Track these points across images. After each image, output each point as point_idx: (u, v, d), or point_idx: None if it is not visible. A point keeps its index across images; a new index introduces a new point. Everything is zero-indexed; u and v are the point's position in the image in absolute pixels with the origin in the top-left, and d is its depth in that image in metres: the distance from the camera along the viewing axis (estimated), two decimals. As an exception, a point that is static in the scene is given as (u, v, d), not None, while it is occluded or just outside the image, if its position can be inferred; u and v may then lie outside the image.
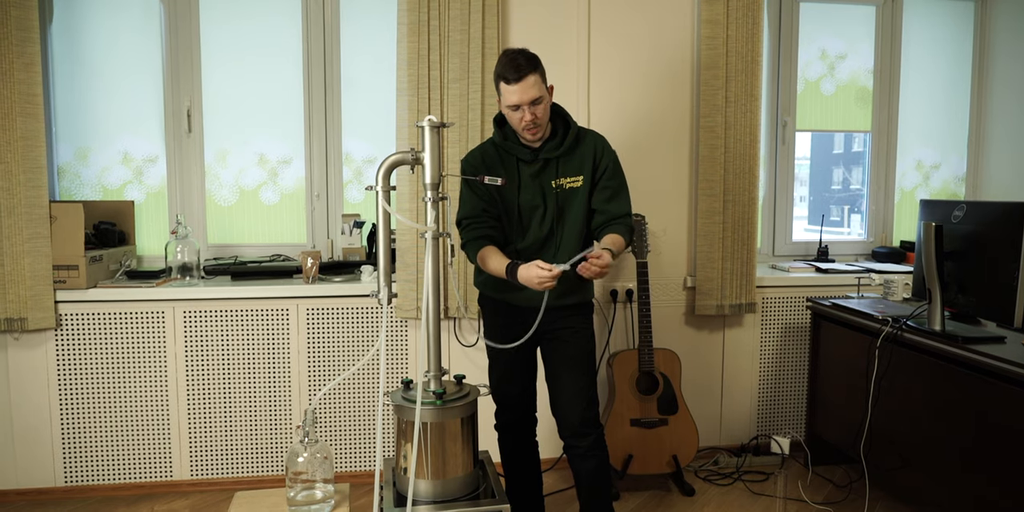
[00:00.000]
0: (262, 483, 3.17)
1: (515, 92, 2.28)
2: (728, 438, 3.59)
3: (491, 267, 2.36)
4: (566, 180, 2.43)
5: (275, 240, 3.46)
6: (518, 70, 2.26)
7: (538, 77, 2.29)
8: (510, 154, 2.43)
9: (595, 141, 2.45)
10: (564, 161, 2.42)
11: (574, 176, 2.43)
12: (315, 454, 2.18)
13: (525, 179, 2.43)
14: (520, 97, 2.28)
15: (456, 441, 2.16)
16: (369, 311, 3.20)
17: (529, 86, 2.27)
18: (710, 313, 3.41)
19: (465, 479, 2.20)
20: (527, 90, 2.27)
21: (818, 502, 3.05)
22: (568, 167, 2.43)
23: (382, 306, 2.09)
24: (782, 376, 3.61)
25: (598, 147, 2.44)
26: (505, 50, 2.33)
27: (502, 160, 2.44)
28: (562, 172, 2.42)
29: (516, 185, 2.43)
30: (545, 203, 2.43)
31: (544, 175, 2.42)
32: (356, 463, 3.28)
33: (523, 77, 2.26)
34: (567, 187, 2.43)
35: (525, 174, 2.43)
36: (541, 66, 2.32)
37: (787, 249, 3.88)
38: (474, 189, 2.43)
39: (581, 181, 2.43)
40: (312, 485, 2.20)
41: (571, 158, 2.43)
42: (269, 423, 3.19)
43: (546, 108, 2.34)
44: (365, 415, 3.26)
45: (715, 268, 3.38)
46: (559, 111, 2.46)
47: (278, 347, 3.15)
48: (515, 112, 2.33)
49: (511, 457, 2.61)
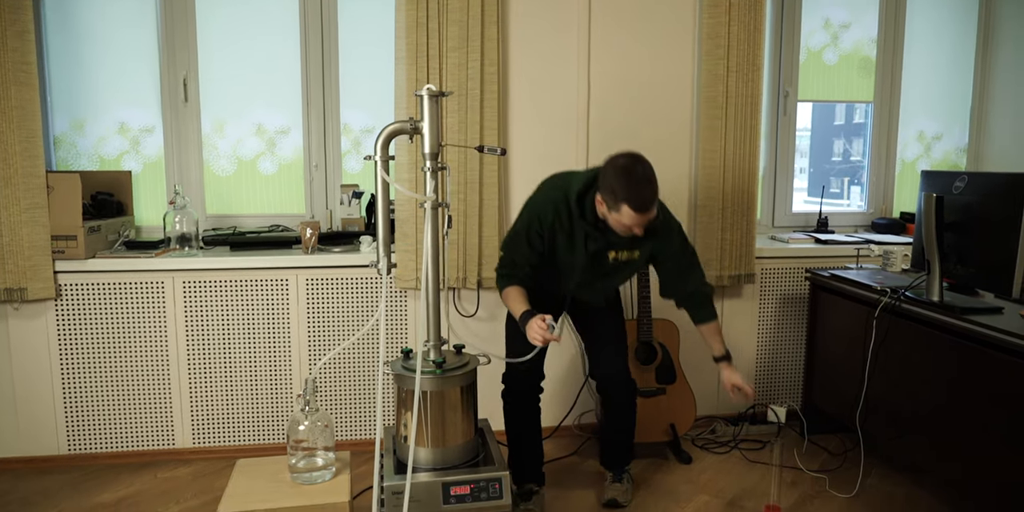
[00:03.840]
0: (264, 451, 3.20)
1: (635, 218, 2.25)
2: (725, 407, 3.62)
3: (509, 304, 2.41)
4: (623, 253, 2.50)
5: (274, 210, 3.45)
6: (645, 204, 2.21)
7: (658, 203, 2.32)
8: (580, 227, 2.41)
9: (663, 230, 2.47)
10: (628, 241, 2.46)
11: (630, 251, 2.50)
12: (316, 422, 2.20)
13: (581, 248, 2.44)
14: (639, 221, 2.26)
15: (456, 410, 2.18)
16: (368, 281, 3.20)
17: (649, 215, 2.26)
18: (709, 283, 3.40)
19: (465, 447, 2.22)
20: (646, 218, 2.27)
21: (813, 470, 3.09)
22: (629, 245, 2.48)
23: (381, 276, 2.10)
24: (780, 346, 3.63)
25: (663, 240, 2.48)
26: (626, 166, 2.22)
27: (572, 225, 2.41)
28: (622, 248, 2.48)
29: (570, 247, 2.44)
30: (596, 269, 2.51)
31: (604, 251, 2.48)
32: (356, 431, 3.31)
33: (649, 208, 2.24)
34: (623, 259, 2.50)
35: (588, 246, 2.44)
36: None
37: (787, 220, 3.88)
38: (531, 238, 2.42)
39: (637, 255, 2.51)
40: (313, 453, 2.23)
41: (636, 238, 2.45)
42: (270, 392, 3.21)
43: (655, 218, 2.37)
44: (365, 384, 3.28)
45: (715, 239, 3.38)
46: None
47: (278, 317, 3.16)
48: (623, 227, 2.31)
49: (515, 422, 2.64)
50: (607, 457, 2.83)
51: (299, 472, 2.22)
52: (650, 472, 3.07)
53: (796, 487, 2.95)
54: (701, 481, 3.01)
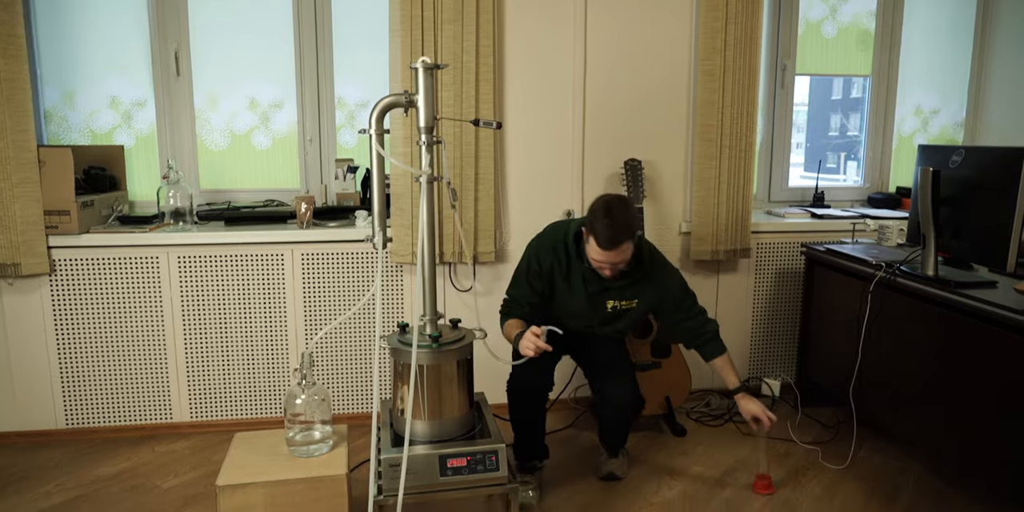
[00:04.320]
0: (261, 425, 3.22)
1: (603, 255, 2.32)
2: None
3: (508, 333, 2.46)
4: (622, 303, 2.55)
5: (268, 185, 3.44)
6: (613, 240, 2.27)
7: (631, 243, 2.31)
8: (577, 269, 2.50)
9: (659, 276, 2.53)
10: (624, 290, 2.53)
11: (630, 300, 2.55)
12: (313, 396, 2.21)
13: (580, 292, 2.52)
14: (608, 259, 2.33)
15: (452, 383, 2.20)
16: (364, 256, 3.20)
17: (620, 253, 2.31)
18: (705, 258, 3.42)
19: (461, 419, 2.24)
20: (616, 256, 2.32)
21: (806, 442, 3.12)
22: (626, 293, 2.54)
23: (377, 250, 2.10)
24: (775, 320, 3.65)
25: (661, 287, 2.53)
26: (607, 201, 2.28)
27: (569, 267, 2.51)
28: (621, 296, 2.54)
29: (569, 291, 2.53)
30: (595, 316, 2.56)
31: (600, 296, 2.53)
32: (353, 405, 3.33)
33: (618, 245, 2.29)
34: (621, 307, 2.55)
35: (586, 290, 2.52)
36: (636, 227, 2.31)
37: (783, 195, 3.88)
38: (530, 278, 2.52)
39: (636, 304, 2.55)
40: (310, 426, 2.24)
41: (632, 287, 2.53)
42: (267, 366, 3.22)
43: (628, 260, 2.39)
44: (362, 358, 3.29)
45: (711, 213, 3.38)
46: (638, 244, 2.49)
47: (274, 292, 3.17)
48: (598, 264, 2.38)
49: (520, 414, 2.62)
50: (606, 439, 2.82)
51: (297, 445, 2.23)
52: (645, 445, 3.10)
53: (789, 459, 2.98)
54: (695, 453, 3.04)
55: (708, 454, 3.04)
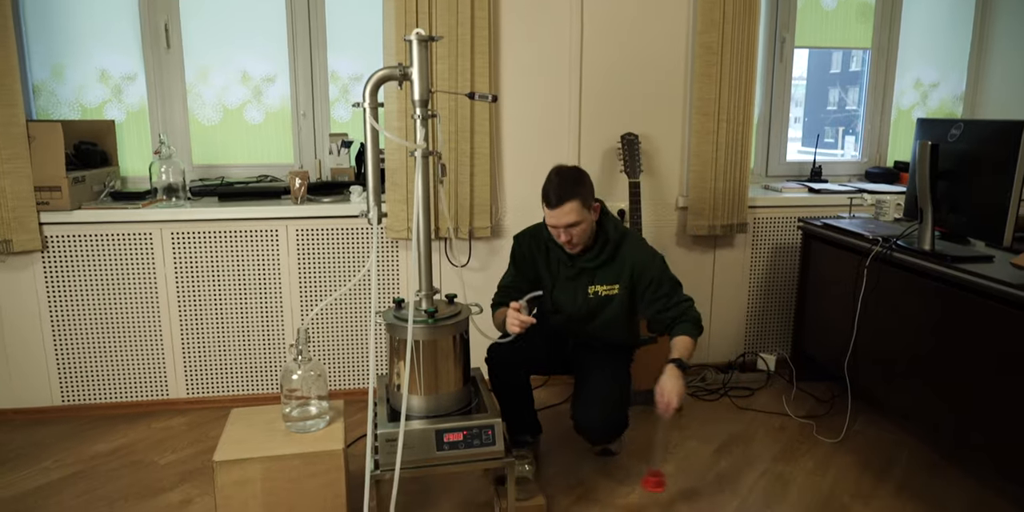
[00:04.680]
0: (258, 400, 3.24)
1: (551, 216, 2.38)
2: (716, 355, 3.67)
3: (495, 321, 2.51)
4: (601, 288, 2.54)
5: (261, 160, 3.42)
6: (557, 197, 2.34)
7: (577, 203, 2.35)
8: (554, 252, 2.55)
9: (635, 254, 2.51)
10: (601, 271, 2.53)
11: (610, 284, 2.53)
12: (309, 371, 2.21)
13: (562, 280, 2.57)
14: (555, 221, 2.38)
15: (448, 358, 2.20)
16: (359, 231, 3.19)
17: (565, 213, 2.35)
18: (701, 233, 3.42)
19: (457, 394, 2.25)
20: (562, 216, 2.36)
21: (801, 416, 3.14)
22: (605, 276, 2.53)
23: (372, 226, 2.08)
24: (770, 295, 3.65)
25: (638, 264, 2.50)
26: (559, 167, 2.41)
27: (548, 251, 2.57)
28: (599, 280, 2.53)
29: (552, 280, 2.57)
30: (579, 305, 2.55)
31: (580, 280, 2.54)
32: (350, 380, 3.34)
33: (561, 203, 2.35)
34: (603, 294, 2.54)
35: (562, 274, 2.56)
36: (584, 189, 2.38)
37: (780, 170, 3.87)
38: (518, 264, 2.61)
39: (617, 289, 2.52)
40: (307, 401, 2.25)
41: (608, 268, 2.52)
42: (262, 342, 3.22)
43: (585, 230, 2.42)
44: (358, 334, 3.29)
45: (708, 188, 3.37)
46: (603, 221, 2.52)
47: (269, 268, 3.16)
48: (552, 229, 2.43)
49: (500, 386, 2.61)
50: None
51: (293, 421, 2.24)
52: (640, 419, 3.12)
53: (784, 433, 3.01)
54: (691, 428, 3.06)
55: (703, 428, 3.06)
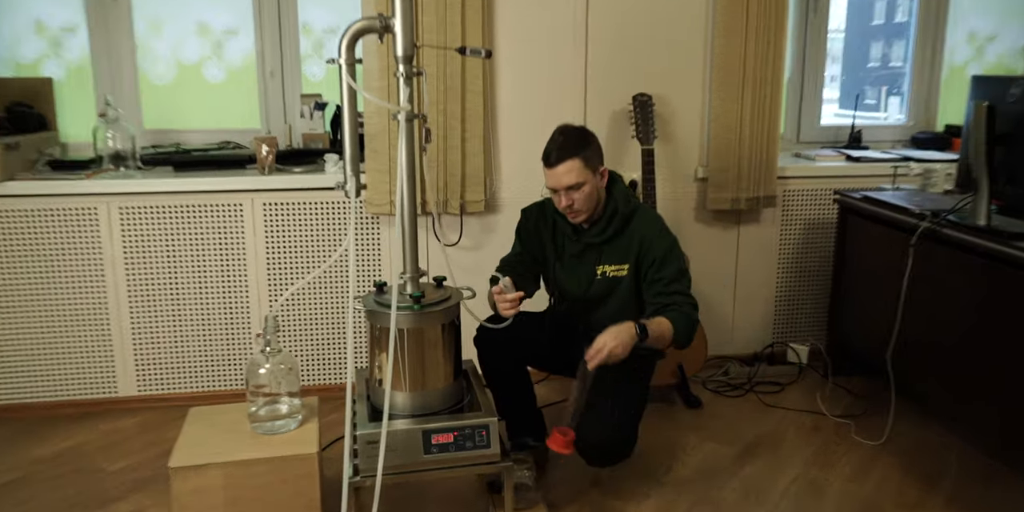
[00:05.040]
0: (220, 398, 3.22)
1: (550, 176, 2.39)
2: (740, 346, 3.67)
3: (490, 301, 2.46)
4: (609, 267, 2.52)
5: (223, 125, 3.40)
6: (557, 154, 2.36)
7: (578, 162, 2.35)
8: (560, 226, 2.57)
9: (645, 228, 2.48)
10: (609, 248, 2.51)
11: (619, 264, 2.51)
12: (278, 365, 2.21)
13: (567, 258, 2.58)
14: (554, 182, 2.38)
15: (436, 349, 2.19)
16: (335, 206, 3.17)
17: (565, 172, 2.35)
18: (724, 207, 3.41)
19: (447, 391, 2.24)
20: (562, 177, 2.36)
21: (837, 415, 3.15)
22: (613, 254, 2.52)
23: (350, 199, 2.07)
24: (803, 278, 3.65)
25: (646, 238, 2.47)
26: (563, 125, 2.43)
27: (555, 225, 2.59)
28: (606, 258, 2.52)
29: (556, 257, 2.59)
30: (585, 288, 2.55)
31: (587, 258, 2.55)
32: (325, 375, 3.34)
33: (560, 161, 2.35)
34: (610, 275, 2.52)
35: (568, 250, 2.58)
36: (589, 149, 2.39)
37: (814, 135, 3.85)
38: (523, 239, 2.64)
39: (626, 270, 2.50)
40: (276, 399, 2.24)
41: (617, 244, 2.51)
42: (225, 332, 3.21)
43: (589, 195, 2.40)
44: (333, 322, 3.29)
45: (731, 156, 3.35)
46: (612, 191, 2.50)
47: (232, 247, 3.14)
48: (553, 194, 2.44)
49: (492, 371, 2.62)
50: None
51: (260, 421, 2.23)
52: (655, 418, 3.12)
53: (818, 433, 3.01)
54: (711, 427, 3.06)
55: (726, 428, 3.06)
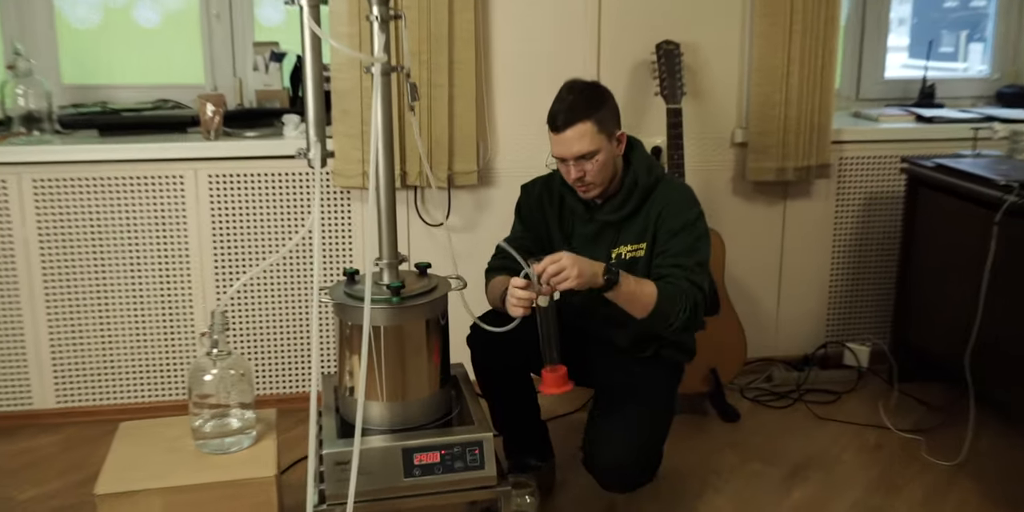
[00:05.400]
0: (157, 410, 3.23)
1: (557, 143, 2.36)
2: (787, 347, 3.68)
3: (490, 296, 2.50)
4: (627, 248, 2.50)
5: (160, 79, 3.41)
6: (565, 116, 2.33)
7: (591, 126, 2.32)
8: (568, 201, 2.55)
9: (666, 197, 2.46)
10: (627, 225, 2.50)
11: (636, 243, 2.49)
12: (227, 370, 2.21)
13: (578, 240, 2.56)
14: (562, 150, 2.36)
15: (419, 351, 2.19)
16: (296, 178, 3.18)
17: (575, 138, 2.33)
18: (767, 179, 3.41)
19: (432, 401, 2.24)
20: (571, 143, 2.33)
21: (905, 430, 3.15)
22: (630, 232, 2.50)
23: (314, 170, 2.06)
24: (862, 264, 3.66)
25: (666, 209, 2.44)
26: (572, 81, 2.41)
27: (562, 202, 2.57)
28: (623, 238, 2.50)
29: (564, 241, 2.57)
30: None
31: (601, 240, 2.53)
32: (285, 382, 3.36)
33: (569, 125, 2.32)
34: (627, 257, 2.50)
35: (578, 232, 2.57)
36: (604, 109, 2.36)
37: (877, 90, 3.85)
38: (524, 218, 2.64)
39: (643, 249, 2.47)
40: (225, 411, 2.24)
41: (634, 221, 2.49)
42: (163, 331, 3.22)
43: (604, 164, 2.37)
44: (295, 318, 3.30)
45: (776, 117, 3.35)
46: (632, 160, 2.47)
47: (171, 229, 3.15)
48: (561, 164, 2.41)
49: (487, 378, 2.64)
50: None
51: (206, 438, 2.24)
52: (684, 433, 3.12)
53: (881, 451, 3.02)
54: (751, 445, 3.08)
55: (769, 446, 3.07)
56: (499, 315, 2.37)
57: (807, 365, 3.63)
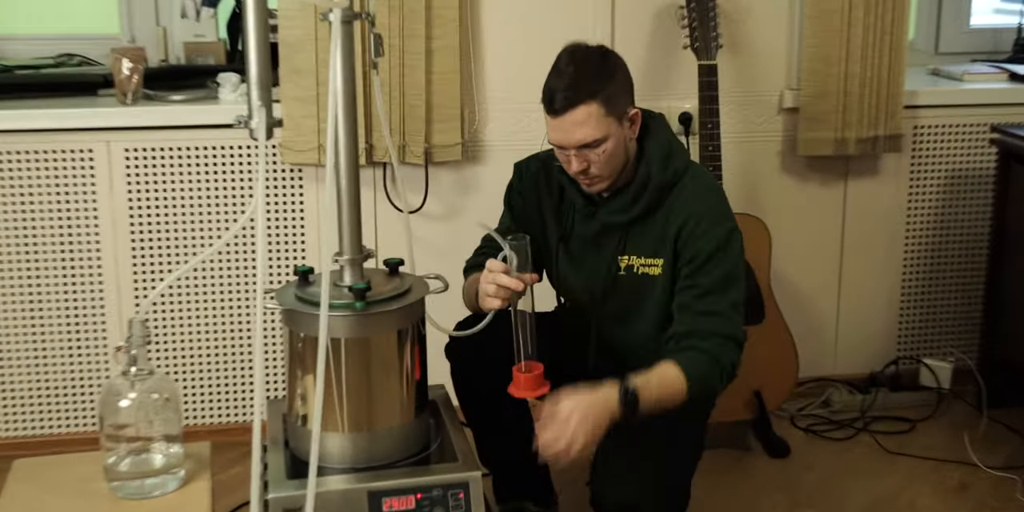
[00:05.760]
0: (60, 445, 3.24)
1: (555, 128, 2.32)
2: (848, 364, 3.69)
3: (466, 295, 2.52)
4: (637, 260, 2.48)
5: (63, 29, 3.43)
6: (565, 96, 2.28)
7: (596, 107, 2.27)
8: (569, 191, 2.52)
9: (691, 204, 2.40)
10: (636, 230, 2.47)
11: (649, 257, 2.46)
12: (149, 394, 2.20)
13: (578, 244, 2.56)
14: (561, 136, 2.32)
15: (390, 369, 2.20)
16: (235, 153, 3.19)
17: (576, 123, 2.28)
18: (824, 153, 3.42)
19: (405, 432, 2.25)
20: (572, 129, 2.29)
21: (996, 467, 3.16)
22: (641, 241, 2.47)
23: (258, 142, 2.05)
24: (944, 260, 3.66)
25: (690, 221, 2.39)
26: (573, 48, 2.36)
27: (562, 192, 2.56)
28: (633, 246, 2.48)
29: (561, 239, 2.57)
30: (600, 287, 2.52)
31: (605, 244, 2.51)
32: (221, 409, 3.37)
33: (570, 107, 2.27)
34: (638, 271, 2.48)
35: (578, 234, 2.55)
36: (612, 84, 2.31)
37: (961, 43, 3.87)
38: (514, 208, 2.66)
39: (660, 268, 2.45)
40: (147, 445, 2.23)
41: (646, 226, 2.45)
42: (68, 345, 3.23)
43: (612, 154, 2.33)
44: (234, 328, 3.31)
45: (834, 75, 3.36)
46: (646, 146, 2.44)
47: (77, 217, 3.15)
48: (560, 152, 2.37)
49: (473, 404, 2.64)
50: None
51: (123, 479, 2.23)
52: (721, 471, 3.13)
53: (967, 493, 3.03)
54: (805, 485, 3.09)
55: (827, 486, 3.08)
56: (480, 320, 2.38)
57: (874, 386, 3.64)
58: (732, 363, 2.30)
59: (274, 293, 2.25)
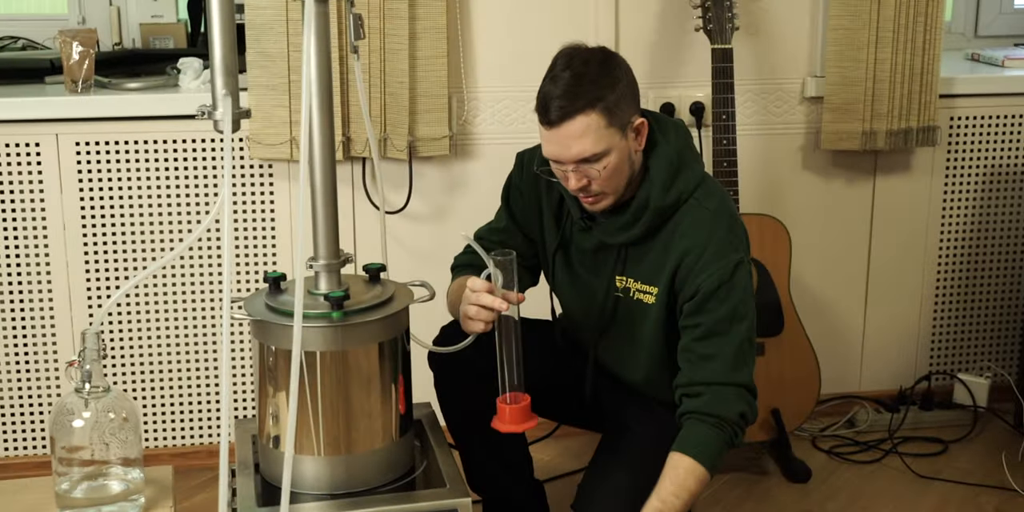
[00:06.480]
0: (6, 469, 3.24)
1: (550, 141, 2.30)
2: (875, 380, 3.71)
3: (449, 300, 2.53)
4: (634, 284, 2.50)
5: (6, 9, 3.46)
6: (560, 105, 2.25)
7: (597, 118, 2.24)
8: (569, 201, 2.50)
9: (693, 235, 2.39)
10: (635, 253, 2.47)
11: (645, 284, 2.47)
12: (104, 413, 2.21)
13: (578, 256, 2.57)
14: (557, 151, 2.30)
15: (370, 386, 2.21)
16: (198, 146, 3.20)
17: (574, 136, 2.25)
18: (851, 147, 3.43)
19: (388, 455, 2.26)
20: (569, 143, 2.27)
21: (1037, 493, 3.19)
22: (639, 265, 2.48)
23: (224, 136, 2.07)
24: (981, 266, 3.68)
25: (693, 249, 2.37)
26: (570, 51, 2.34)
27: (562, 202, 2.54)
28: (631, 267, 2.49)
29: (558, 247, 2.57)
30: (595, 306, 2.54)
31: (603, 261, 2.52)
32: (184, 431, 3.37)
33: (567, 117, 2.25)
34: (633, 296, 2.49)
35: (578, 245, 2.55)
36: (614, 92, 2.28)
37: (1001, 25, 3.88)
38: (512, 205, 2.65)
39: (654, 297, 2.45)
40: (102, 469, 2.24)
41: (645, 250, 2.46)
42: (14, 360, 3.23)
43: (616, 169, 2.30)
44: (198, 341, 3.32)
45: (862, 62, 3.37)
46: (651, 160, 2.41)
47: (23, 218, 3.15)
48: (556, 166, 2.36)
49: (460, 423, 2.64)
50: None
51: (77, 506, 2.24)
52: (735, 495, 3.15)
53: (1005, 522, 3.05)
54: None
55: (853, 515, 3.10)
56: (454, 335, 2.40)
57: (903, 404, 3.64)
58: (740, 414, 2.30)
59: (242, 302, 2.26)
